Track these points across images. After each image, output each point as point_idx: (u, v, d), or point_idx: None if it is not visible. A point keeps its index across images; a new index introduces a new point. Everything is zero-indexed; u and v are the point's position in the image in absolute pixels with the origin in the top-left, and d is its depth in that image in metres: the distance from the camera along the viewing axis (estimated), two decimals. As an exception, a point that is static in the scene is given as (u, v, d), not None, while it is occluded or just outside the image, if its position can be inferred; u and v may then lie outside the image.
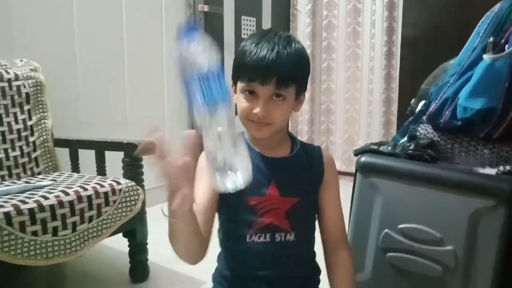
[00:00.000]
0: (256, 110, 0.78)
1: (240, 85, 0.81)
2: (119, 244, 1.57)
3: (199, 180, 0.85)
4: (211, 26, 2.58)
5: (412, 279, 1.10)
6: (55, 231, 1.15)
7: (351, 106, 3.00)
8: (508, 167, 1.02)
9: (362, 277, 1.17)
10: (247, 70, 0.78)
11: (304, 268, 0.87)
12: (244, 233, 0.83)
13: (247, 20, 2.83)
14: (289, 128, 3.22)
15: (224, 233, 0.88)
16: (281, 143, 0.89)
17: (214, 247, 0.88)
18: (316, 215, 0.90)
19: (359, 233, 1.17)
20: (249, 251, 0.83)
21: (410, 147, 1.16)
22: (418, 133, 1.19)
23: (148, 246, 1.53)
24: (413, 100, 1.39)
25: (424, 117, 1.19)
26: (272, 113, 0.79)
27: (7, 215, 1.05)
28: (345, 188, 1.21)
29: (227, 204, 0.86)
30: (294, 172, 0.87)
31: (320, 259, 0.91)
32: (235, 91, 0.86)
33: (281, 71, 0.77)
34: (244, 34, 2.81)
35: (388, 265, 1.13)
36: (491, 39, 0.99)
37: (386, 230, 1.12)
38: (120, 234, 1.44)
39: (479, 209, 0.99)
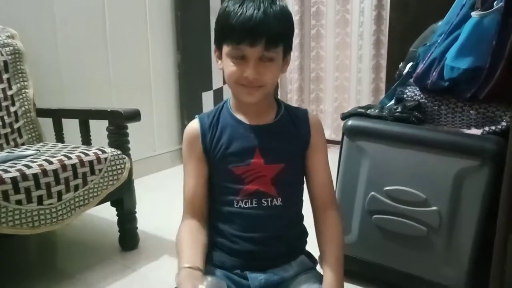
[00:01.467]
0: (247, 73, 0.76)
1: (226, 48, 0.78)
2: (108, 213, 1.57)
3: (188, 167, 0.88)
4: (197, -9, 2.50)
5: (397, 239, 1.12)
6: (40, 200, 1.14)
7: (340, 74, 2.97)
8: (493, 127, 1.02)
9: (349, 239, 1.19)
10: (234, 32, 0.75)
11: (292, 229, 0.88)
12: (231, 199, 0.84)
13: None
14: (278, 96, 3.19)
15: (213, 197, 0.88)
16: (267, 108, 0.87)
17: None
18: (304, 178, 0.90)
19: (345, 196, 1.18)
20: (237, 215, 0.84)
21: (397, 110, 1.15)
22: (405, 96, 1.18)
23: (137, 215, 1.53)
24: (401, 63, 1.37)
25: (412, 79, 1.18)
26: (263, 75, 0.78)
27: (-12, 184, 1.03)
28: (335, 156, 1.21)
29: (214, 173, 0.87)
30: (279, 138, 0.85)
31: (307, 223, 0.91)
32: (219, 57, 0.83)
33: (270, 30, 0.75)
34: None
35: (374, 227, 1.15)
36: (480, -5, 0.97)
37: (372, 193, 1.13)
38: (108, 204, 1.44)
39: (463, 169, 1.00)
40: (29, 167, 1.14)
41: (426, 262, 1.09)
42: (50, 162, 1.18)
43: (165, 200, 2.04)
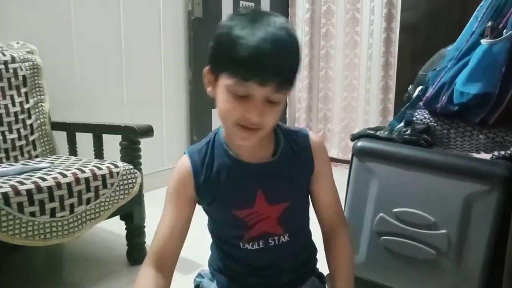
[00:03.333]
0: (251, 114, 0.65)
1: (227, 81, 0.65)
2: (116, 227, 1.59)
3: (170, 205, 0.78)
4: (209, 10, 2.56)
5: (406, 262, 1.12)
6: (53, 212, 1.16)
7: (349, 94, 3.00)
8: (502, 152, 1.03)
9: (357, 260, 1.19)
10: (242, 66, 0.63)
11: (301, 254, 0.84)
12: (236, 242, 0.78)
13: (245, 5, 2.80)
14: (287, 115, 3.22)
15: (215, 234, 0.83)
16: (266, 141, 0.77)
17: (207, 233, 0.87)
18: (310, 200, 0.85)
19: (354, 216, 1.19)
20: (243, 255, 0.79)
21: (407, 132, 1.16)
22: (414, 118, 1.20)
23: (145, 230, 1.54)
24: (410, 86, 1.39)
25: (421, 103, 1.20)
26: (265, 118, 0.67)
27: (5, 195, 1.05)
28: (342, 176, 1.22)
29: (214, 219, 0.80)
30: (281, 175, 0.77)
31: (315, 237, 0.89)
32: (210, 81, 0.71)
33: (286, 69, 0.65)
34: (242, 19, 2.79)
35: (382, 249, 1.15)
36: (489, 23, 0.99)
37: (381, 214, 1.14)
38: (117, 217, 1.45)
39: (473, 193, 1.00)
40: (44, 179, 1.16)
41: (435, 286, 1.08)
42: (64, 175, 1.21)
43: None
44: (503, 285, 0.83)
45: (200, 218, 0.93)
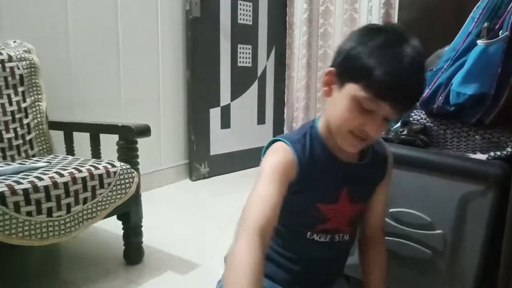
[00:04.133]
0: (369, 128, 0.70)
1: (357, 92, 0.68)
2: (113, 226, 1.59)
3: (275, 180, 0.72)
4: (207, 10, 2.56)
5: (402, 261, 1.12)
6: (49, 212, 1.16)
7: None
8: (498, 153, 1.04)
9: (353, 260, 1.19)
10: (382, 86, 0.66)
11: (346, 255, 0.92)
12: (305, 231, 0.82)
13: (243, 5, 2.80)
14: (285, 114, 3.23)
15: (283, 222, 0.81)
16: None
17: (214, 230, 0.88)
18: None
19: (351, 216, 1.19)
20: (305, 245, 0.83)
21: (403, 132, 1.17)
22: (411, 119, 1.20)
23: (142, 229, 1.54)
24: (407, 86, 1.40)
25: (417, 103, 1.20)
26: (379, 133, 0.74)
27: (1, 195, 1.05)
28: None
29: (293, 208, 0.79)
30: (365, 178, 0.83)
31: None
32: (332, 83, 0.74)
33: (415, 98, 0.72)
34: (240, 19, 2.79)
35: (379, 248, 1.15)
36: (486, 24, 0.99)
37: (377, 214, 1.14)
38: (115, 217, 1.45)
39: (468, 193, 1.01)
40: (40, 179, 1.16)
41: (431, 285, 1.09)
42: (61, 175, 1.21)
43: (170, 214, 2.05)
44: (498, 285, 0.84)
45: (200, 221, 0.94)
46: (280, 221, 0.77)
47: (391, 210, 1.12)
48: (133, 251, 1.52)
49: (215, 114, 2.73)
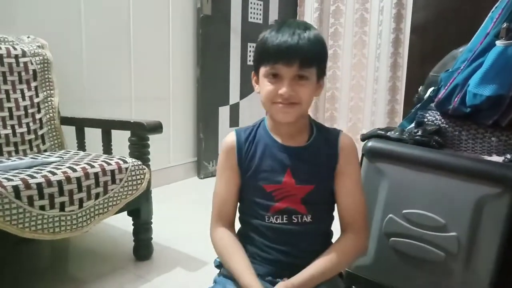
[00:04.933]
0: (283, 90, 0.81)
1: (263, 69, 0.84)
2: (123, 223, 1.59)
3: (222, 176, 0.93)
4: (218, 8, 2.56)
5: (414, 263, 1.11)
6: (62, 207, 1.16)
7: (356, 94, 2.99)
8: (515, 155, 1.02)
9: (364, 261, 1.18)
10: (271, 54, 0.81)
11: (322, 245, 0.90)
12: (262, 214, 0.88)
13: (254, 3, 2.80)
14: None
15: (243, 210, 0.93)
16: (301, 130, 0.91)
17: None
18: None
19: (363, 217, 1.18)
20: (268, 229, 0.88)
21: (418, 133, 1.16)
22: (425, 120, 1.19)
23: (152, 226, 1.54)
24: (421, 87, 1.38)
25: (433, 104, 1.19)
26: (298, 92, 0.82)
27: (15, 188, 1.06)
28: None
29: (245, 188, 0.91)
30: (309, 160, 0.88)
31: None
32: (256, 81, 0.89)
33: (304, 52, 0.80)
34: (251, 17, 2.79)
35: (391, 250, 1.14)
36: (505, 24, 0.98)
37: (390, 215, 1.13)
38: (125, 213, 1.45)
39: (484, 196, 1.00)
40: (54, 173, 1.16)
41: (443, 288, 1.08)
42: (74, 170, 1.21)
43: (178, 211, 2.05)
44: (514, 289, 0.83)
45: (208, 218, 0.94)
46: (242, 210, 0.93)
47: (404, 211, 1.11)
48: (143, 247, 1.53)
49: (224, 112, 2.73)
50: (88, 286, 1.35)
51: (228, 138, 0.93)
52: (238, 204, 0.94)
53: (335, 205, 0.93)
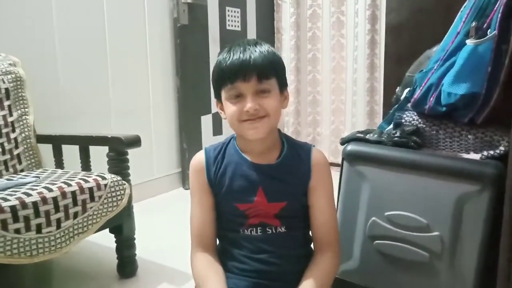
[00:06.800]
0: (247, 106, 0.80)
1: (224, 93, 0.84)
2: (106, 240, 1.55)
3: (194, 198, 0.92)
4: (196, 18, 2.55)
5: (399, 265, 1.11)
6: (39, 228, 1.13)
7: (336, 97, 3.00)
8: (491, 152, 1.03)
9: (350, 265, 1.18)
10: (227, 74, 0.82)
11: (299, 249, 0.91)
12: (237, 228, 0.89)
13: (231, 11, 2.80)
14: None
15: (219, 225, 0.93)
16: (272, 147, 0.90)
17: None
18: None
19: (346, 221, 1.18)
20: (244, 240, 0.89)
21: (396, 135, 1.16)
22: (403, 120, 1.19)
23: (136, 241, 1.51)
24: (398, 88, 1.39)
25: (409, 104, 1.20)
26: (263, 105, 0.82)
27: (-12, 213, 1.02)
28: (333, 180, 1.21)
29: (220, 207, 0.92)
30: (281, 178, 0.88)
31: None
32: (221, 108, 0.88)
33: (259, 64, 0.81)
34: (229, 25, 2.79)
35: (375, 253, 1.14)
36: (474, 23, 0.99)
37: (373, 218, 1.13)
38: (107, 230, 1.42)
39: (464, 194, 1.00)
40: (28, 195, 1.13)
41: (429, 288, 1.08)
42: (50, 190, 1.18)
43: (164, 224, 2.02)
44: (497, 286, 0.83)
45: (189, 230, 0.93)
46: (219, 224, 0.92)
47: (386, 213, 1.11)
48: (127, 264, 1.49)
49: (206, 121, 2.71)
50: (72, 308, 1.31)
51: (196, 157, 0.93)
52: None
53: (306, 220, 0.92)
